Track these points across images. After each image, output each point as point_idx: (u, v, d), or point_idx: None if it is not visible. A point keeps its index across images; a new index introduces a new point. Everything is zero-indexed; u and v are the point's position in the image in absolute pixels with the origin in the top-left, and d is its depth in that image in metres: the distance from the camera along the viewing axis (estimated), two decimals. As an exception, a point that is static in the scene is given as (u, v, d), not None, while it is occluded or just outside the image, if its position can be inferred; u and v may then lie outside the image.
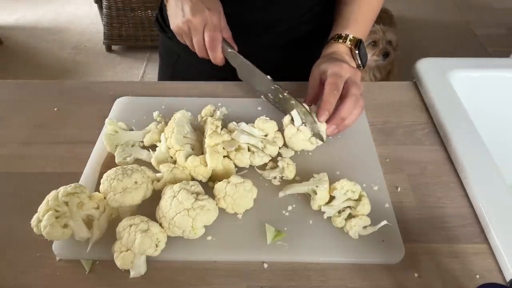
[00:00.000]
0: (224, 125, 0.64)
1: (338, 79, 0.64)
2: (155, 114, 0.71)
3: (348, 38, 0.73)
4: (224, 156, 0.60)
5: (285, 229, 0.54)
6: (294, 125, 0.64)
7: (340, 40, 0.73)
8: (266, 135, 0.63)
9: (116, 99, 0.75)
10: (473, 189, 0.59)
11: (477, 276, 0.51)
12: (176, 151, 0.59)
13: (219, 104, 0.74)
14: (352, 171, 0.62)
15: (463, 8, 3.11)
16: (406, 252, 0.52)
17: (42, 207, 0.49)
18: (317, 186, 0.55)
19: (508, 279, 0.50)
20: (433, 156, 0.67)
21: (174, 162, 0.60)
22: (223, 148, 0.60)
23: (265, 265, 0.52)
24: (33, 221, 0.49)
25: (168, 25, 0.90)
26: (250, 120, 0.70)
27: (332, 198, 0.55)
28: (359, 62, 0.74)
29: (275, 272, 0.51)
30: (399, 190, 0.61)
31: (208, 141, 0.59)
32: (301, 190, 0.57)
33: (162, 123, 0.67)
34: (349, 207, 0.55)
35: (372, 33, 1.97)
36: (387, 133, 0.71)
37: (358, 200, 0.54)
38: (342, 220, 0.53)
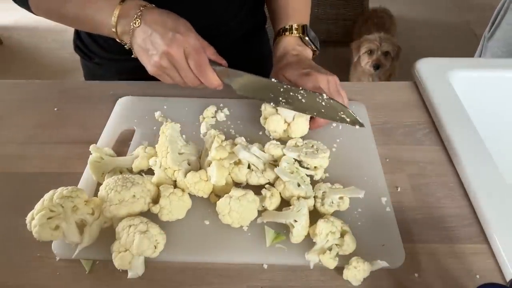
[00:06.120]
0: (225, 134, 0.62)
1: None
2: (157, 114, 0.72)
3: (293, 28, 0.72)
4: None
5: (285, 231, 0.54)
6: (279, 114, 0.63)
7: (287, 33, 0.72)
8: (275, 161, 0.60)
9: (116, 99, 0.75)
10: (473, 189, 0.59)
11: (477, 276, 0.51)
12: (174, 171, 0.57)
13: (221, 105, 0.74)
14: (353, 176, 0.61)
15: (463, 8, 3.10)
16: (406, 252, 0.52)
17: (37, 206, 0.49)
18: (295, 221, 0.52)
19: (508, 279, 0.50)
20: (433, 156, 0.67)
21: (174, 182, 0.58)
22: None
23: (265, 266, 0.52)
24: (28, 217, 0.49)
25: (92, 51, 0.86)
26: (251, 121, 0.70)
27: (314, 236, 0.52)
28: (313, 47, 0.73)
29: (275, 272, 0.51)
30: (399, 190, 0.61)
31: (214, 154, 0.57)
32: (280, 220, 0.53)
33: (149, 147, 0.62)
34: (336, 244, 0.51)
35: (369, 42, 1.98)
36: (387, 133, 0.71)
37: (342, 237, 0.51)
38: (335, 258, 0.49)
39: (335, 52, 2.52)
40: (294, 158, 0.59)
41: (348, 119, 0.60)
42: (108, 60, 0.86)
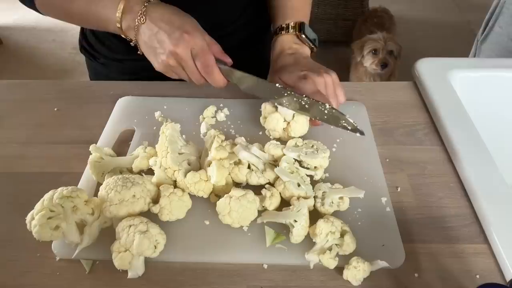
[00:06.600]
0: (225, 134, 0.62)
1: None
2: (157, 114, 0.71)
3: (290, 26, 0.71)
4: None
5: (285, 231, 0.54)
6: (278, 112, 0.64)
7: (283, 32, 0.72)
8: (275, 161, 0.61)
9: (116, 99, 0.75)
10: (473, 189, 0.59)
11: (477, 276, 0.51)
12: (174, 171, 0.57)
13: (221, 105, 0.74)
14: (353, 176, 0.61)
15: (463, 8, 3.10)
16: (406, 252, 0.52)
17: (37, 206, 0.49)
18: (295, 221, 0.52)
19: (508, 279, 0.50)
20: (433, 156, 0.67)
21: (174, 182, 0.58)
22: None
23: (265, 266, 0.52)
24: (28, 217, 0.49)
25: (97, 51, 0.86)
26: (251, 121, 0.70)
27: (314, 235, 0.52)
28: (311, 45, 0.72)
29: (275, 272, 0.51)
30: (399, 190, 0.61)
31: (214, 154, 0.57)
32: (279, 220, 0.53)
33: (149, 147, 0.63)
34: (336, 244, 0.51)
35: (373, 42, 1.98)
36: (387, 133, 0.71)
37: (342, 237, 0.51)
38: (335, 258, 0.50)
39: (335, 52, 2.52)
40: (294, 158, 0.59)
41: (349, 127, 0.61)
42: (114, 60, 0.86)
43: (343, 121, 0.60)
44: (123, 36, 0.63)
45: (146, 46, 0.61)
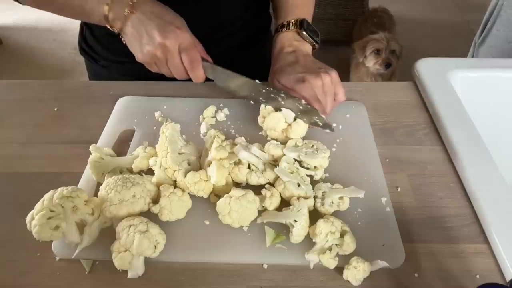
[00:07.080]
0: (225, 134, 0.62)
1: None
2: (157, 114, 0.71)
3: (291, 24, 0.71)
4: None
5: (285, 231, 0.54)
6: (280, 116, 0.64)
7: (284, 29, 0.72)
8: (275, 161, 0.61)
9: (116, 99, 0.75)
10: (473, 189, 0.59)
11: (477, 276, 0.51)
12: (174, 171, 0.57)
13: (221, 105, 0.74)
14: (353, 176, 0.61)
15: (463, 8, 3.10)
16: (406, 252, 0.52)
17: (37, 206, 0.49)
18: (295, 221, 0.52)
19: (508, 279, 0.50)
20: (433, 156, 0.67)
21: (174, 182, 0.58)
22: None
23: (265, 266, 0.52)
24: (28, 217, 0.49)
25: (97, 53, 0.86)
26: (251, 121, 0.70)
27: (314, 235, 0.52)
28: (312, 41, 0.72)
29: (275, 272, 0.51)
30: (399, 190, 0.61)
31: (214, 154, 0.57)
32: (279, 220, 0.53)
33: (149, 147, 0.63)
34: (336, 244, 0.51)
35: (376, 42, 1.97)
36: (387, 133, 0.71)
37: (342, 237, 0.51)
38: (335, 258, 0.50)
39: (335, 52, 2.52)
40: (294, 158, 0.59)
41: (320, 123, 0.64)
42: (114, 62, 0.86)
43: (316, 117, 0.63)
44: (107, 26, 0.63)
45: (132, 36, 0.62)
